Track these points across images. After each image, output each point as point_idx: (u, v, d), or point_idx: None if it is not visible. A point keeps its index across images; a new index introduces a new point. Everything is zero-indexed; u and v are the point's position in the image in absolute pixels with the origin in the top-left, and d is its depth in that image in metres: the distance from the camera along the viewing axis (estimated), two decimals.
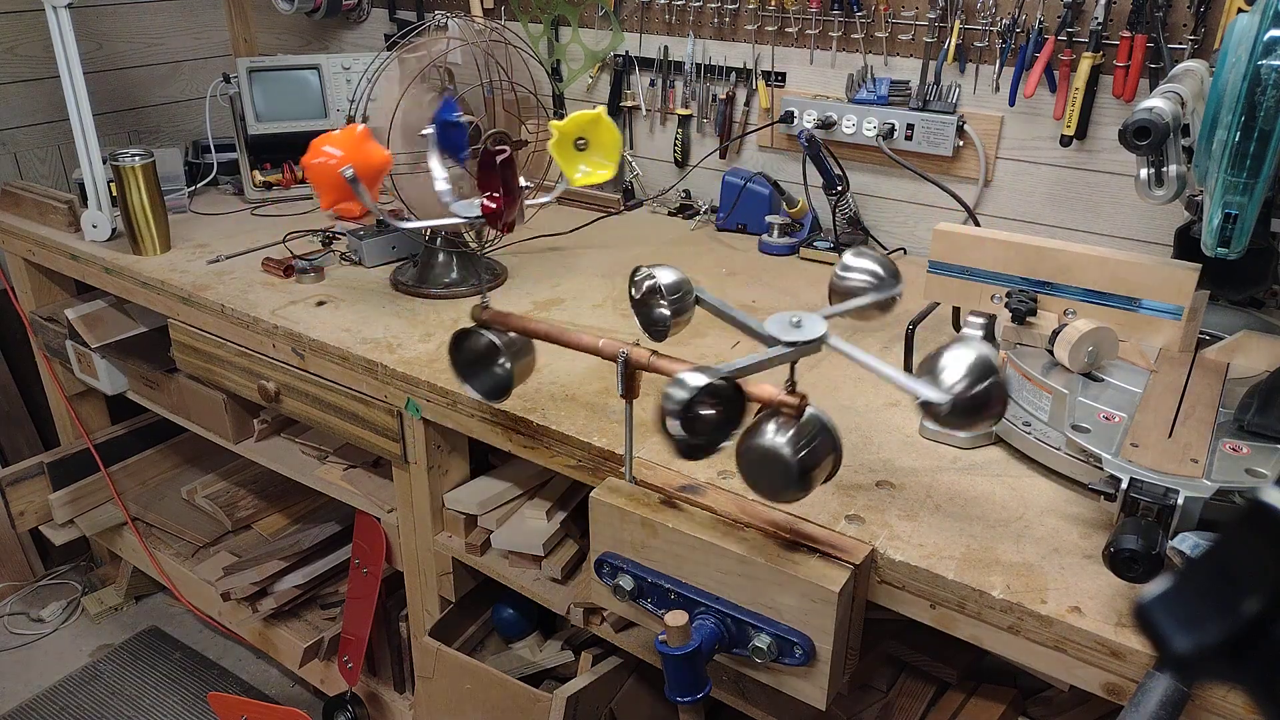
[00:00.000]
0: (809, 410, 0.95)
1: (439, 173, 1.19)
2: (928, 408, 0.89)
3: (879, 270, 1.06)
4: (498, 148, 1.13)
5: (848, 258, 1.08)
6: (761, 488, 0.96)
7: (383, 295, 1.71)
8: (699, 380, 0.90)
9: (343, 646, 1.86)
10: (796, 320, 0.96)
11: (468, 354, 1.23)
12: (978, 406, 0.88)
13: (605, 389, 1.37)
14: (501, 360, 1.22)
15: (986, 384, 0.87)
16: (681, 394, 0.89)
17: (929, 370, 0.90)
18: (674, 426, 0.90)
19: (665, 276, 1.05)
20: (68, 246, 1.97)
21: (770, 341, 0.96)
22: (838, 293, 1.08)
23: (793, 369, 0.96)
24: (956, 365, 0.88)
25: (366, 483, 1.77)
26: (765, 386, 0.97)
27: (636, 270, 1.07)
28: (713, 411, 0.95)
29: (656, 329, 1.07)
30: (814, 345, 0.95)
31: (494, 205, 1.15)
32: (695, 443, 0.94)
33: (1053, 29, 1.64)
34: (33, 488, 2.29)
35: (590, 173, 1.19)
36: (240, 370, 1.71)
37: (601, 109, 1.17)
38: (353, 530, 1.80)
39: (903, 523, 1.07)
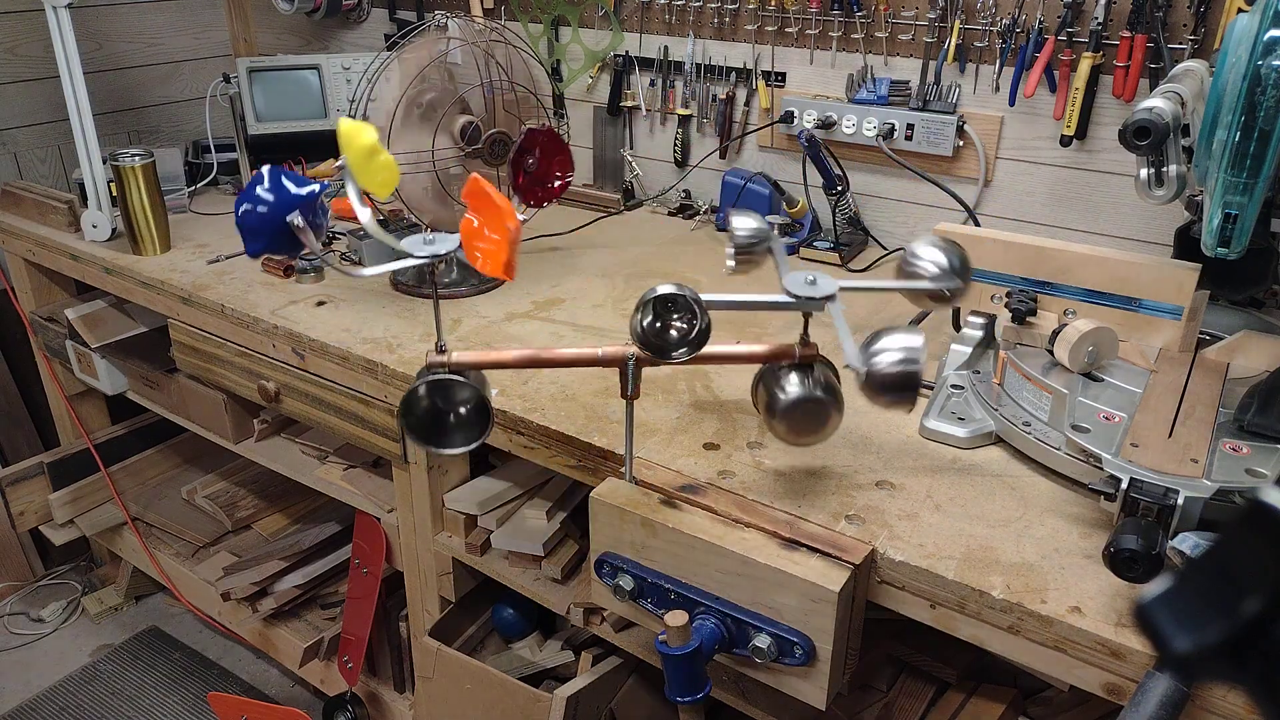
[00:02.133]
0: (818, 364, 1.07)
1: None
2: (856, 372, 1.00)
3: (944, 262, 1.07)
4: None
5: (917, 244, 1.09)
6: (791, 432, 1.07)
7: (383, 295, 1.71)
8: (667, 288, 1.00)
9: (343, 646, 1.86)
10: (813, 279, 1.04)
11: (434, 409, 1.06)
12: (888, 385, 0.99)
13: (605, 389, 1.37)
14: (478, 407, 1.07)
15: (902, 369, 0.98)
16: (649, 295, 1.00)
17: (869, 343, 1.00)
18: (643, 319, 1.01)
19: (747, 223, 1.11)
20: (68, 246, 1.97)
21: (785, 293, 1.04)
22: (902, 274, 1.10)
23: (806, 322, 1.06)
24: (891, 346, 0.99)
25: (366, 483, 1.77)
26: (776, 345, 1.09)
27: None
28: (682, 325, 1.03)
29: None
30: (818, 303, 1.02)
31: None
32: (656, 342, 1.02)
33: (1053, 29, 1.64)
34: (33, 488, 2.29)
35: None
36: (240, 370, 1.71)
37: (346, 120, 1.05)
38: (353, 530, 1.80)
39: (903, 523, 1.07)
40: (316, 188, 1.04)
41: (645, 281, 1.13)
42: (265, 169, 1.04)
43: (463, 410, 1.07)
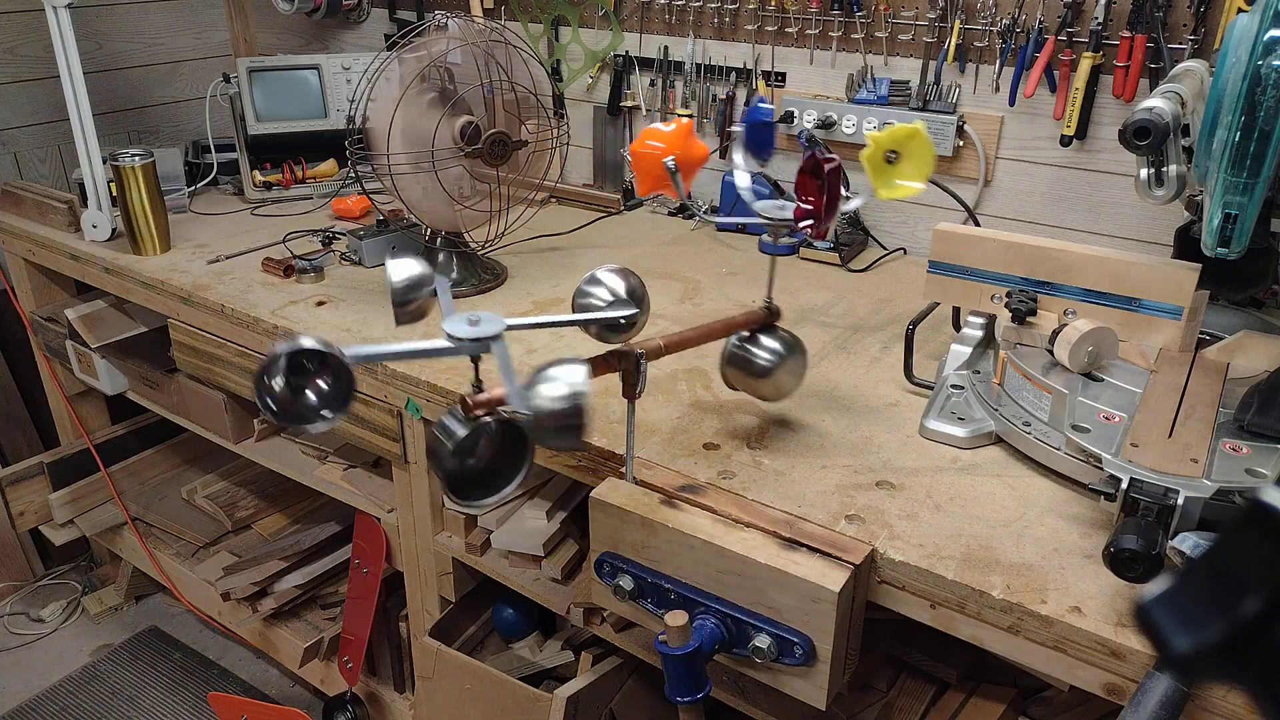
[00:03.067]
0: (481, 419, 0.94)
1: (742, 169, 1.22)
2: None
3: (620, 290, 1.06)
4: (827, 157, 1.13)
5: (597, 271, 1.08)
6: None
7: (383, 295, 1.70)
8: (308, 343, 0.83)
9: (343, 646, 1.86)
10: (476, 319, 0.95)
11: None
12: (550, 426, 0.91)
13: (605, 389, 1.36)
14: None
15: (565, 408, 0.90)
16: (283, 349, 0.82)
17: (535, 378, 0.92)
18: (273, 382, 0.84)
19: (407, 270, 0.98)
20: (68, 246, 1.97)
21: (445, 337, 0.94)
22: (575, 305, 1.08)
23: (476, 367, 0.95)
24: (553, 384, 0.91)
25: (366, 483, 1.77)
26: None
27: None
28: (320, 383, 0.86)
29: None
30: (482, 345, 0.94)
31: (810, 207, 1.14)
32: (296, 410, 0.85)
33: (1053, 29, 1.64)
34: (33, 488, 2.29)
35: (901, 186, 1.12)
36: (240, 370, 1.70)
37: (920, 124, 1.10)
38: (353, 530, 1.80)
39: (903, 523, 1.07)
40: None
41: (645, 281, 1.13)
42: None
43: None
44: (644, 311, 1.07)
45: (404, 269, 0.97)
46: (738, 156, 1.23)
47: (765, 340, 1.20)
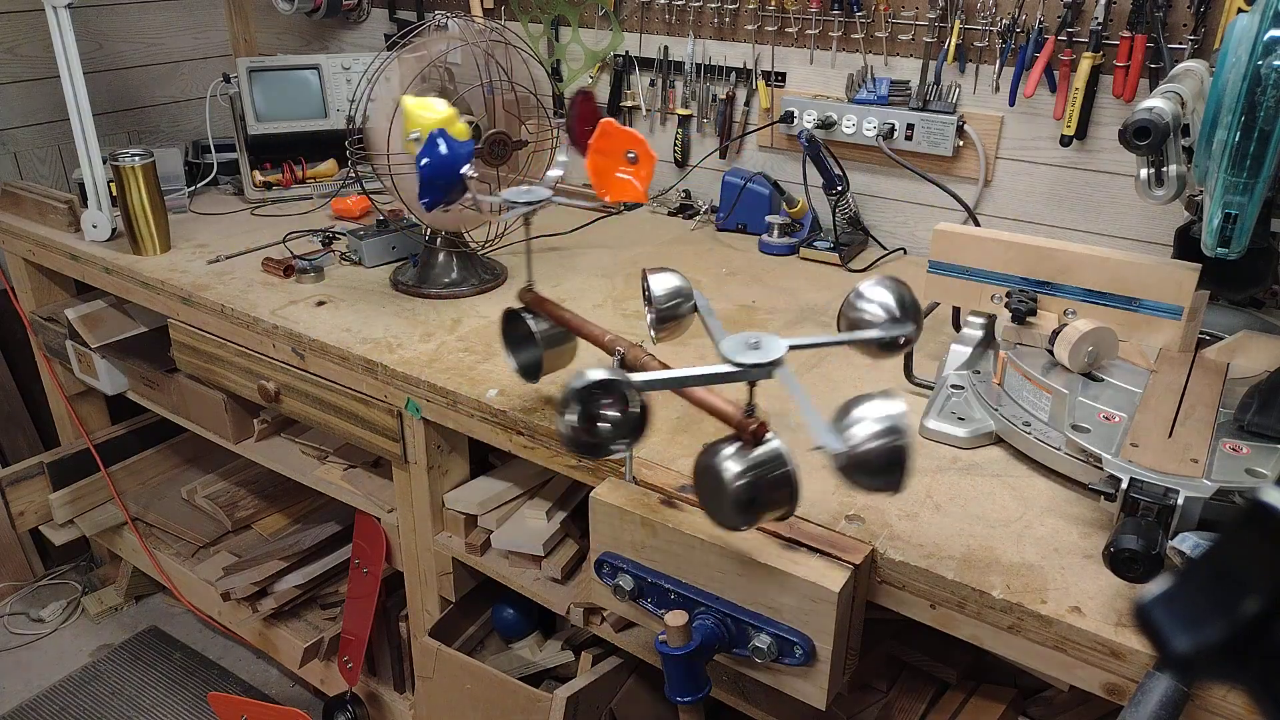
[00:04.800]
0: (770, 442, 0.89)
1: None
2: (834, 455, 0.85)
3: (893, 305, 0.96)
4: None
5: (864, 285, 0.97)
6: (708, 508, 0.94)
7: (383, 295, 1.71)
8: (598, 375, 0.85)
9: (343, 646, 1.86)
10: (755, 342, 0.90)
11: (513, 333, 1.28)
12: (875, 466, 0.84)
13: None
14: (535, 344, 1.26)
15: (888, 444, 0.83)
16: (578, 384, 0.85)
17: (842, 416, 0.86)
18: (570, 418, 0.86)
19: (666, 282, 1.07)
20: (68, 246, 1.97)
21: (723, 361, 0.90)
22: (845, 319, 0.99)
23: (751, 392, 0.91)
24: (868, 420, 0.84)
25: (366, 483, 1.77)
26: (724, 403, 0.94)
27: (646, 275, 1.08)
28: (614, 413, 0.88)
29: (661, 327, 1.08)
30: (764, 370, 0.89)
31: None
32: (589, 440, 0.88)
33: (1053, 29, 1.64)
34: (33, 488, 2.29)
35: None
36: (240, 370, 1.70)
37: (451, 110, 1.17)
38: (353, 530, 1.80)
39: (903, 523, 1.07)
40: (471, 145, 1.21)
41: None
42: (436, 133, 1.18)
43: (531, 352, 1.21)
44: (919, 329, 0.97)
45: (664, 281, 1.03)
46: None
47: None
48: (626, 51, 2.13)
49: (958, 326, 1.40)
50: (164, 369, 1.98)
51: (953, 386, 1.29)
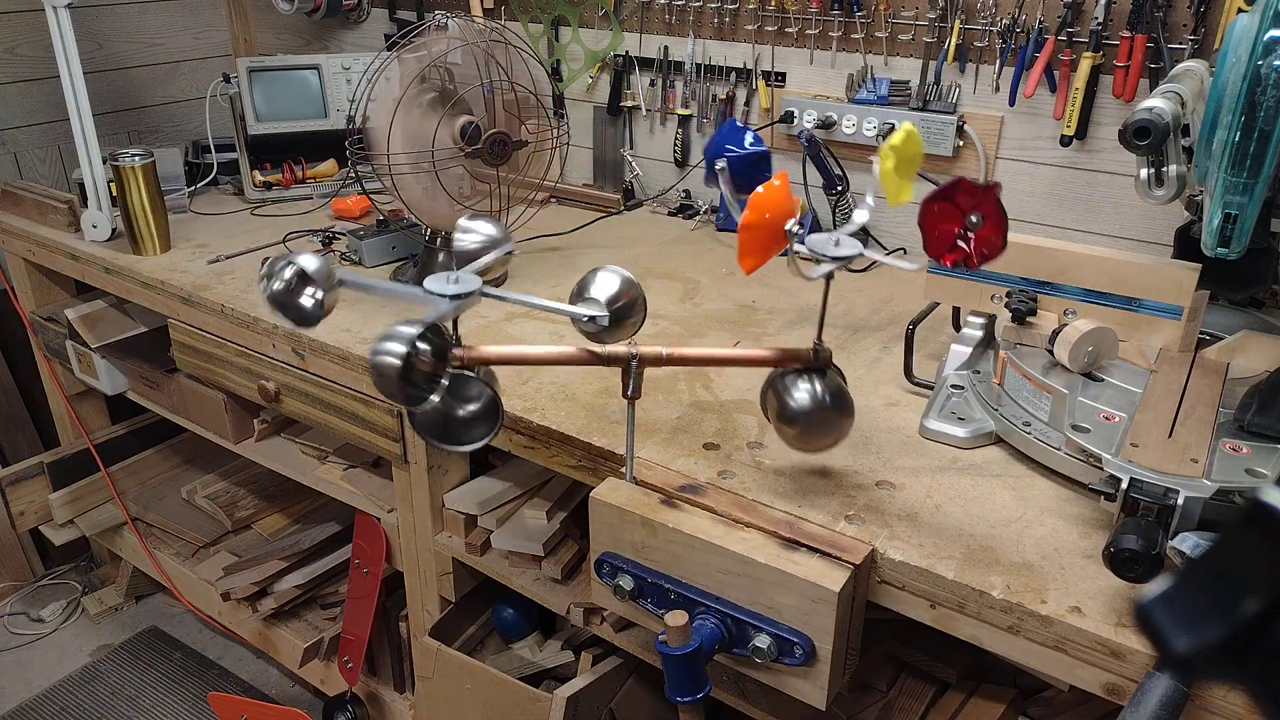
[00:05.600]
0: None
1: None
2: (592, 323, 1.06)
3: (492, 231, 1.12)
4: (983, 185, 0.95)
5: (461, 222, 1.12)
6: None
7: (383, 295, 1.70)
8: (413, 328, 1.00)
9: (343, 646, 1.86)
10: (455, 279, 1.04)
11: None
12: (623, 316, 1.07)
13: (605, 389, 1.37)
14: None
15: (630, 298, 1.08)
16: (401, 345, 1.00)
17: (579, 295, 1.09)
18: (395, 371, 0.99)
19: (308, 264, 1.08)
20: (68, 246, 1.97)
21: (433, 297, 1.03)
22: (462, 258, 1.11)
23: (455, 324, 1.07)
24: (602, 286, 1.09)
25: (366, 483, 1.77)
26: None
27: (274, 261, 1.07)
28: (428, 362, 1.02)
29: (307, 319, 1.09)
30: (473, 296, 1.03)
31: (965, 250, 1.00)
32: (414, 392, 1.01)
33: (1053, 29, 1.64)
34: (33, 488, 2.29)
35: (905, 190, 1.02)
36: (240, 370, 1.70)
37: (909, 124, 1.00)
38: (353, 530, 1.80)
39: (903, 522, 1.07)
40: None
41: (645, 282, 1.13)
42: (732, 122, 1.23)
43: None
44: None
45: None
46: (727, 193, 1.21)
47: (803, 384, 1.06)
48: (626, 51, 2.13)
49: (958, 326, 1.40)
50: (164, 369, 1.98)
51: (953, 386, 1.29)
